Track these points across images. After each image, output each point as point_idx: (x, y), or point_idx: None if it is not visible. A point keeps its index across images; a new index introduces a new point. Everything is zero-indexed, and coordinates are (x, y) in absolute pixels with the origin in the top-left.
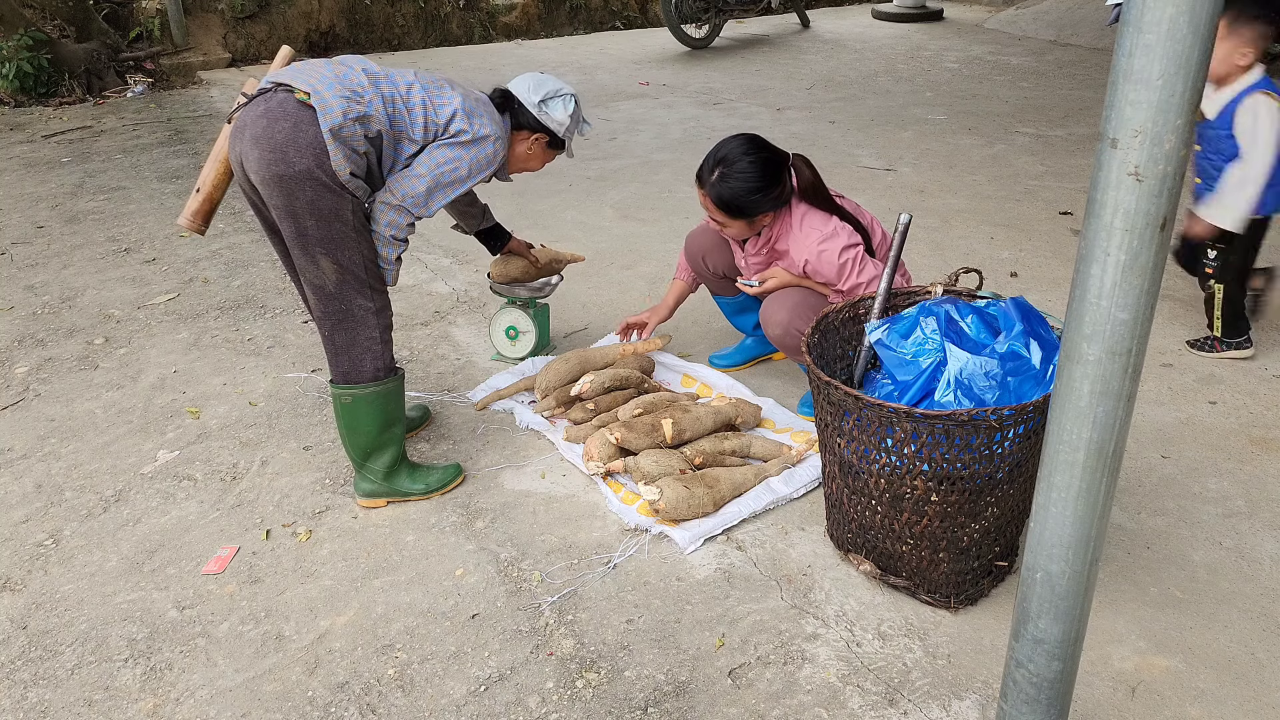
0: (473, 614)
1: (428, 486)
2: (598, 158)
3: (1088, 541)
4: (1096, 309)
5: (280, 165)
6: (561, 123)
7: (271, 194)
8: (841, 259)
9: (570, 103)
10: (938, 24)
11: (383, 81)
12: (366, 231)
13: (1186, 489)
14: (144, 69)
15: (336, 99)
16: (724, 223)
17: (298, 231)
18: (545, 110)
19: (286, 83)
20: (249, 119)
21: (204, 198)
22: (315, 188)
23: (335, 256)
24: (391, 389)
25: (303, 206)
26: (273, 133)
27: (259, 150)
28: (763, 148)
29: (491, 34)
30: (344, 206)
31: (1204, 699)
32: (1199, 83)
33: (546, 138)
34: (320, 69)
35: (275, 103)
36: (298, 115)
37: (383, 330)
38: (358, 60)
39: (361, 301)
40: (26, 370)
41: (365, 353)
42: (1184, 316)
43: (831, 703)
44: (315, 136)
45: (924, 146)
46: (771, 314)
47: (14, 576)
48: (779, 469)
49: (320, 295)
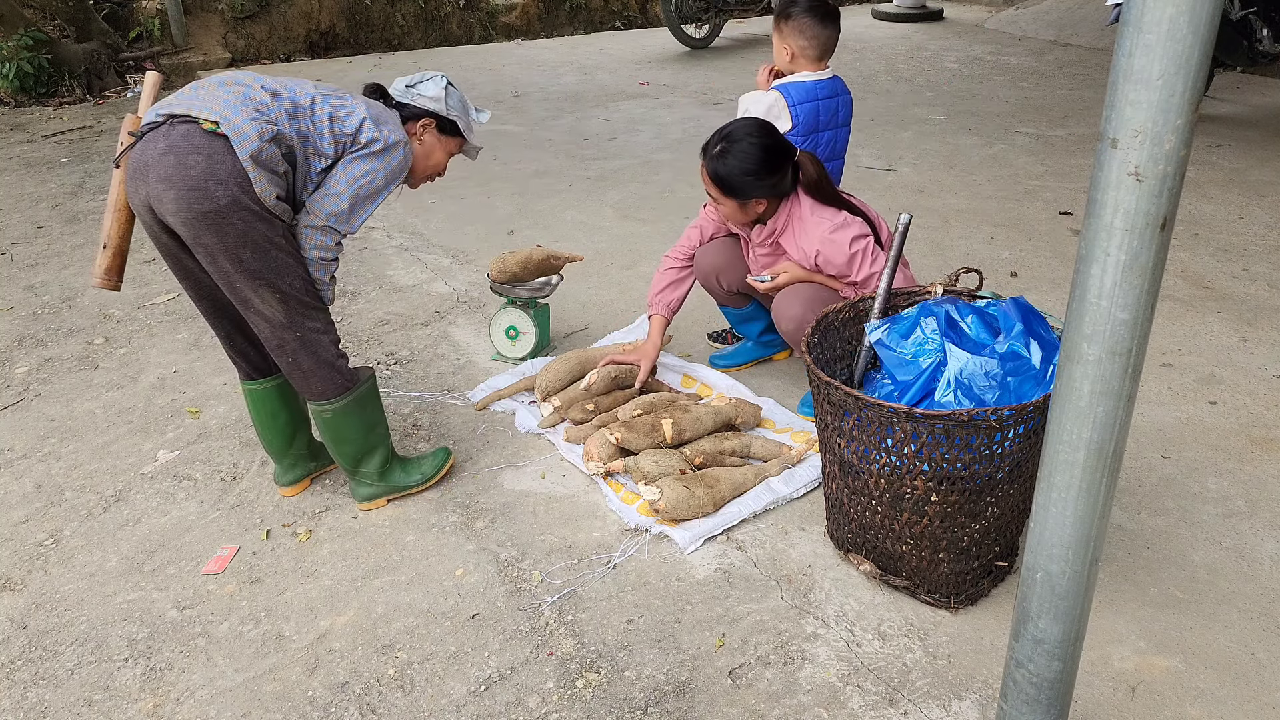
0: (473, 614)
1: (424, 477)
2: (598, 158)
3: (1088, 541)
4: (1096, 309)
5: (203, 202)
6: (436, 97)
7: (199, 233)
8: (853, 248)
9: (441, 80)
10: (938, 24)
11: (284, 98)
12: (298, 252)
13: (1186, 489)
14: (144, 69)
15: (248, 122)
16: (717, 199)
17: (236, 266)
18: (417, 93)
19: (185, 113)
20: (150, 158)
21: (112, 252)
22: (245, 217)
23: (276, 285)
24: (366, 392)
25: (235, 240)
26: (185, 169)
27: (174, 190)
28: (771, 134)
29: (491, 34)
30: (275, 232)
31: (1204, 699)
32: (1199, 83)
33: (433, 121)
34: (217, 93)
35: (178, 135)
36: (209, 146)
37: (335, 343)
38: (252, 77)
39: (311, 324)
40: (26, 370)
41: (328, 368)
42: (1184, 316)
43: (831, 703)
44: (233, 165)
45: (924, 146)
46: (785, 309)
47: (14, 576)
48: (779, 469)
49: (272, 326)
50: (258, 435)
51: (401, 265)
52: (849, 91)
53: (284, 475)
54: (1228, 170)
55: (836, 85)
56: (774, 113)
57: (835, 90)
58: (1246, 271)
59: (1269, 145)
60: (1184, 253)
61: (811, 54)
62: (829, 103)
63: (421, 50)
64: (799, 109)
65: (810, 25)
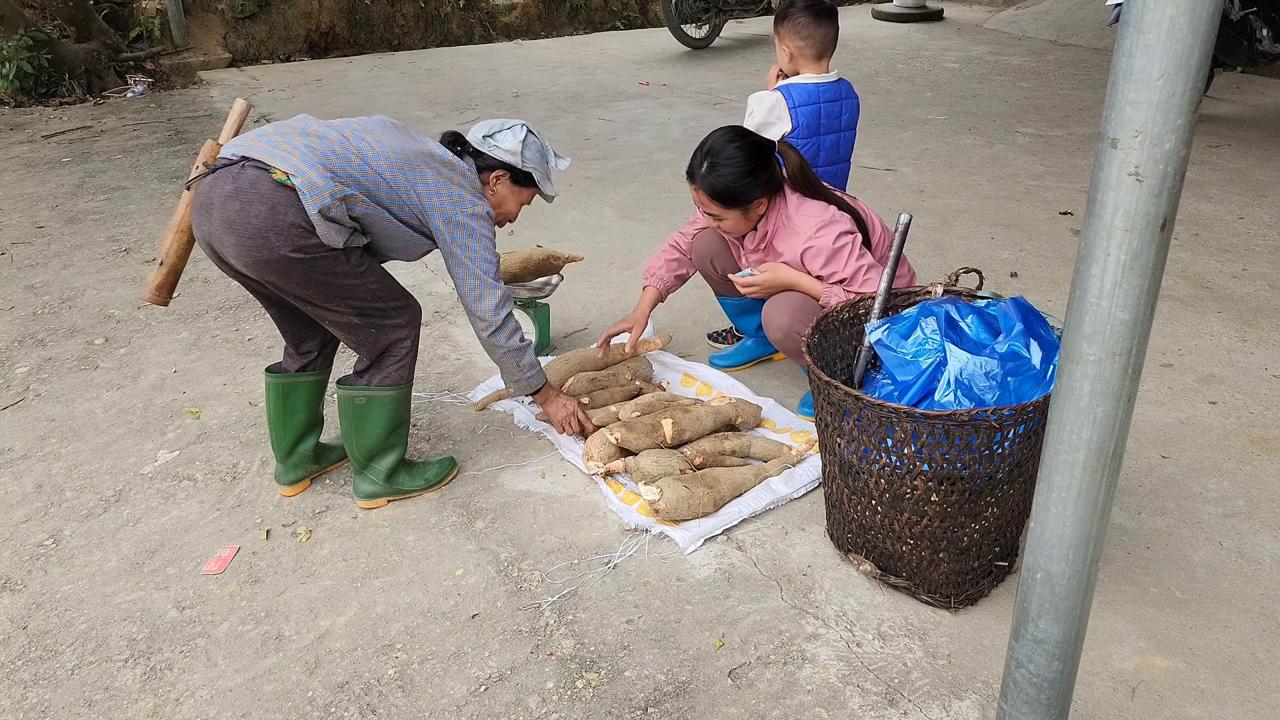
0: (473, 614)
1: (427, 482)
2: (598, 158)
3: (1088, 541)
4: (1096, 309)
5: (263, 251)
6: (512, 151)
7: (263, 275)
8: (837, 244)
9: (521, 131)
10: (938, 24)
11: (363, 160)
12: (371, 261)
13: (1186, 489)
14: (144, 69)
15: (322, 178)
16: (719, 215)
17: (303, 300)
18: (494, 143)
19: (259, 160)
20: (216, 198)
21: (168, 270)
22: (304, 264)
23: (348, 303)
24: (405, 394)
25: (298, 281)
26: (248, 218)
27: (235, 236)
28: (746, 134)
29: (491, 34)
30: (338, 264)
31: (1204, 699)
32: (1199, 83)
33: (507, 174)
34: (295, 141)
35: (246, 181)
36: (274, 197)
37: (413, 342)
38: (333, 130)
39: (388, 322)
40: (26, 370)
41: (396, 361)
42: (1184, 316)
43: (831, 703)
44: (296, 218)
45: (924, 146)
46: (773, 317)
47: (14, 576)
48: (779, 469)
49: (347, 329)
50: (269, 430)
51: (402, 265)
52: (856, 95)
53: (285, 475)
54: (1228, 170)
55: (841, 89)
56: (775, 113)
57: (839, 94)
58: (1246, 271)
59: (1269, 145)
60: (1184, 253)
61: (810, 53)
62: (831, 106)
63: (421, 50)
64: (799, 111)
65: (806, 24)
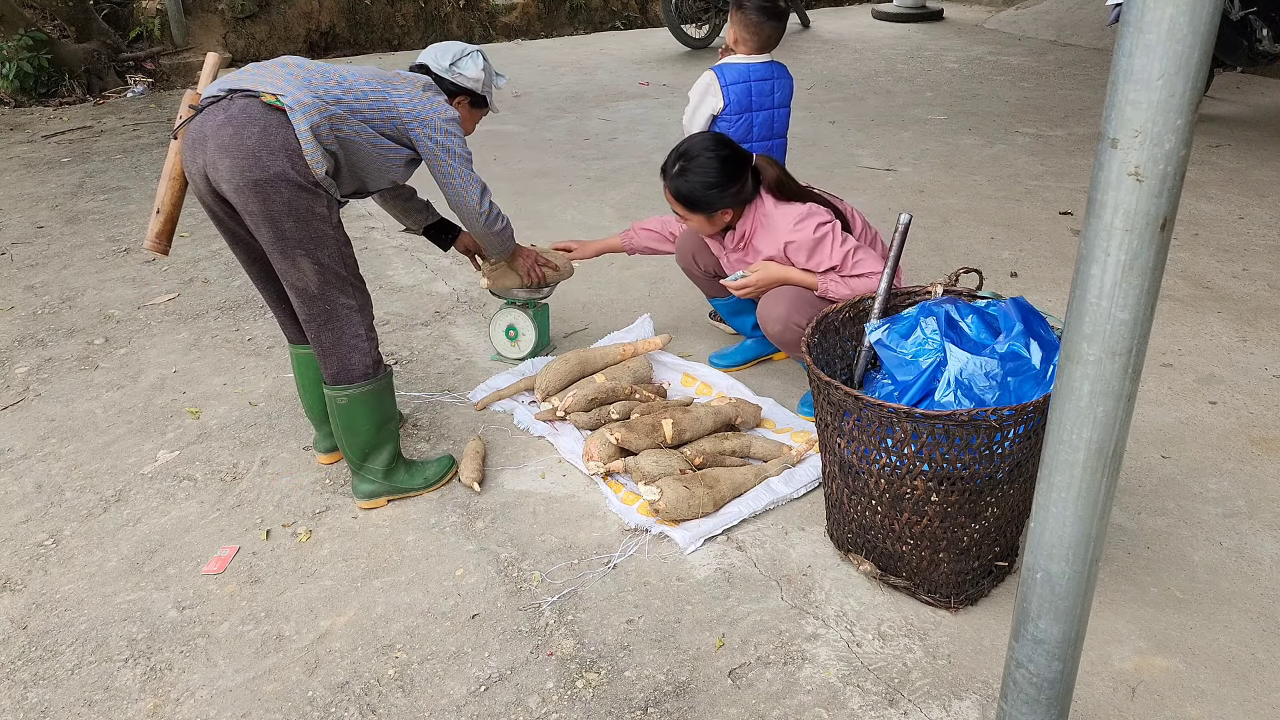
0: (473, 614)
1: (426, 481)
2: (598, 158)
3: (1088, 541)
4: (1096, 309)
5: (255, 170)
6: (476, 79)
7: (247, 201)
8: (818, 233)
9: (478, 58)
10: (938, 24)
11: (343, 83)
12: (342, 230)
13: (1186, 489)
14: (144, 69)
15: (310, 97)
16: (684, 215)
17: (277, 235)
18: (458, 71)
19: (247, 88)
20: (209, 129)
21: (164, 218)
22: (291, 189)
23: (315, 256)
24: (383, 385)
25: (280, 208)
26: (242, 139)
27: (229, 158)
28: (725, 145)
29: (491, 34)
30: (319, 204)
31: (1204, 699)
32: (1199, 83)
33: (467, 98)
34: (279, 70)
35: (237, 109)
36: (266, 119)
37: (367, 328)
38: (311, 62)
39: (344, 300)
40: (26, 370)
41: (353, 351)
42: (1184, 316)
43: (831, 703)
44: (286, 139)
45: (924, 146)
46: (769, 310)
47: (14, 576)
48: (779, 469)
49: (304, 297)
50: (300, 400)
51: (401, 265)
52: (789, 76)
53: (323, 441)
54: (1228, 170)
55: (773, 69)
56: (711, 91)
57: (771, 74)
58: (1246, 271)
59: (1269, 145)
60: (1184, 253)
61: (752, 45)
62: (762, 85)
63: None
64: (730, 89)
65: (756, 21)
